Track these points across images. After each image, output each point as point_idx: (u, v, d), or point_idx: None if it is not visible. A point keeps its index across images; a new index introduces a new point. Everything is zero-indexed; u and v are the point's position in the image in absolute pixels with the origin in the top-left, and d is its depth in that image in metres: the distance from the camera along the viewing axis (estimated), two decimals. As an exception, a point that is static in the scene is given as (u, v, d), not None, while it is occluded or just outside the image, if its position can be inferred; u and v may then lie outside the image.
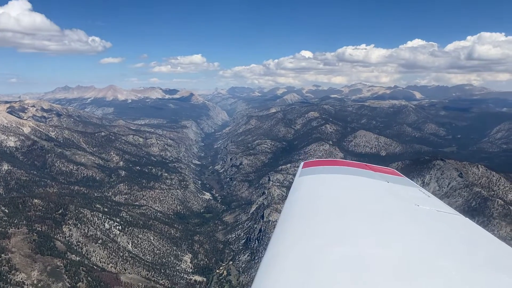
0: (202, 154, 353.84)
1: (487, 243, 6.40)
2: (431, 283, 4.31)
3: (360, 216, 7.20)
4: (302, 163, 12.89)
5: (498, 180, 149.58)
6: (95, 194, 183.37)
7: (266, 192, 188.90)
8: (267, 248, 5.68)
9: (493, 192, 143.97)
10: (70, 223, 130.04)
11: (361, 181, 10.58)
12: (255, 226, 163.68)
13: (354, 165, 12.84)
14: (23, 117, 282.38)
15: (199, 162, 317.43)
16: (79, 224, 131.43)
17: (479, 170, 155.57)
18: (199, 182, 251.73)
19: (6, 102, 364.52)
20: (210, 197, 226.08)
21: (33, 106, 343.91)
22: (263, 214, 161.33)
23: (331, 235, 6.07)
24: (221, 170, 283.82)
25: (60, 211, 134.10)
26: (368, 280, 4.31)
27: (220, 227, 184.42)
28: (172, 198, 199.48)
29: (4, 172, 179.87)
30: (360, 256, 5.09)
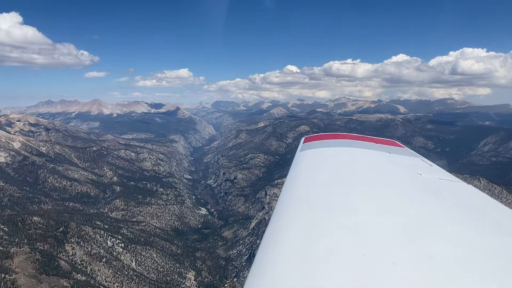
0: (193, 169, 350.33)
1: (491, 208, 6.37)
2: (435, 248, 4.36)
3: (363, 186, 7.20)
4: (303, 138, 12.86)
5: (500, 193, 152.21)
6: (91, 211, 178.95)
7: (267, 207, 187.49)
8: (270, 222, 5.62)
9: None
10: (72, 241, 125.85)
11: (363, 152, 10.56)
12: (257, 241, 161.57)
13: (355, 137, 12.83)
14: (11, 132, 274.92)
15: (190, 177, 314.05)
16: (81, 242, 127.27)
17: (480, 183, 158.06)
18: (193, 197, 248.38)
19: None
20: (207, 213, 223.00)
21: (19, 120, 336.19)
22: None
23: (334, 205, 6.04)
24: (214, 185, 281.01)
25: (61, 229, 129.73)
26: (372, 246, 4.34)
27: (220, 243, 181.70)
28: (169, 213, 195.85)
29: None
30: (364, 224, 5.08)
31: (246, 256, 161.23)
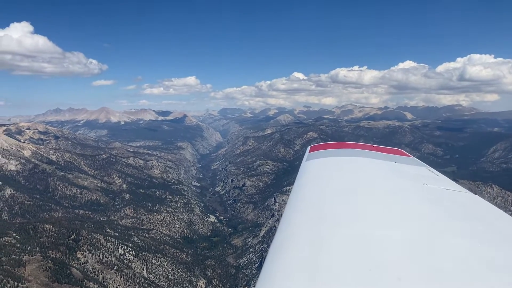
0: (201, 176, 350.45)
1: (497, 218, 6.32)
2: (442, 261, 4.30)
3: (369, 197, 7.19)
4: (309, 147, 12.81)
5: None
6: (101, 218, 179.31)
7: (276, 214, 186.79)
8: (276, 233, 5.58)
9: (510, 212, 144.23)
10: (84, 249, 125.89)
11: (369, 162, 10.56)
12: (268, 249, 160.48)
13: (361, 146, 12.90)
14: (21, 140, 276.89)
15: (198, 184, 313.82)
16: (93, 250, 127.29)
17: (493, 190, 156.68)
18: (202, 204, 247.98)
19: (0, 125, 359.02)
20: (215, 220, 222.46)
21: (29, 128, 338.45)
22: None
23: (340, 216, 6.02)
24: (222, 192, 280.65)
25: (73, 237, 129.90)
26: (378, 259, 4.30)
27: (229, 250, 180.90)
28: (178, 221, 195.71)
29: (7, 196, 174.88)
30: (368, 236, 5.05)
31: (257, 265, 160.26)
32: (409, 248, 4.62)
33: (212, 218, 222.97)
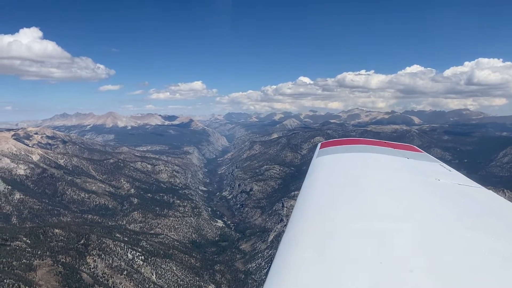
0: (207, 180, 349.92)
1: (510, 213, 6.21)
2: (454, 254, 4.28)
3: (381, 192, 7.10)
4: (319, 144, 12.73)
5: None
6: (110, 223, 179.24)
7: (285, 219, 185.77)
8: (287, 227, 5.59)
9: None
10: (94, 253, 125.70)
11: (381, 158, 10.49)
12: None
13: (373, 143, 12.77)
14: (29, 144, 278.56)
15: (205, 188, 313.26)
16: (103, 255, 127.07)
17: (505, 195, 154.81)
18: (209, 209, 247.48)
19: (8, 129, 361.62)
20: (223, 225, 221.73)
21: (37, 133, 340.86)
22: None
23: (352, 211, 5.94)
24: (230, 197, 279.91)
25: (82, 241, 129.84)
26: (389, 253, 4.27)
27: (238, 255, 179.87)
28: (186, 226, 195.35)
29: (16, 201, 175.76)
30: (381, 230, 5.01)
31: (266, 270, 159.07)
32: (421, 242, 4.61)
33: (220, 223, 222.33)
